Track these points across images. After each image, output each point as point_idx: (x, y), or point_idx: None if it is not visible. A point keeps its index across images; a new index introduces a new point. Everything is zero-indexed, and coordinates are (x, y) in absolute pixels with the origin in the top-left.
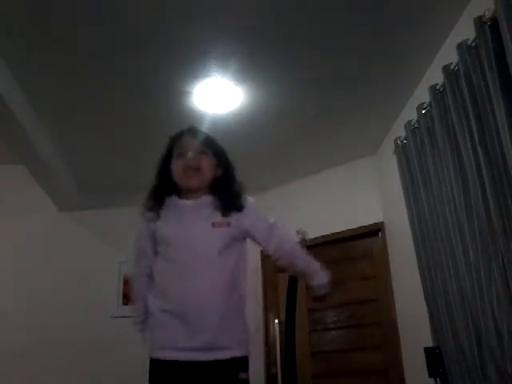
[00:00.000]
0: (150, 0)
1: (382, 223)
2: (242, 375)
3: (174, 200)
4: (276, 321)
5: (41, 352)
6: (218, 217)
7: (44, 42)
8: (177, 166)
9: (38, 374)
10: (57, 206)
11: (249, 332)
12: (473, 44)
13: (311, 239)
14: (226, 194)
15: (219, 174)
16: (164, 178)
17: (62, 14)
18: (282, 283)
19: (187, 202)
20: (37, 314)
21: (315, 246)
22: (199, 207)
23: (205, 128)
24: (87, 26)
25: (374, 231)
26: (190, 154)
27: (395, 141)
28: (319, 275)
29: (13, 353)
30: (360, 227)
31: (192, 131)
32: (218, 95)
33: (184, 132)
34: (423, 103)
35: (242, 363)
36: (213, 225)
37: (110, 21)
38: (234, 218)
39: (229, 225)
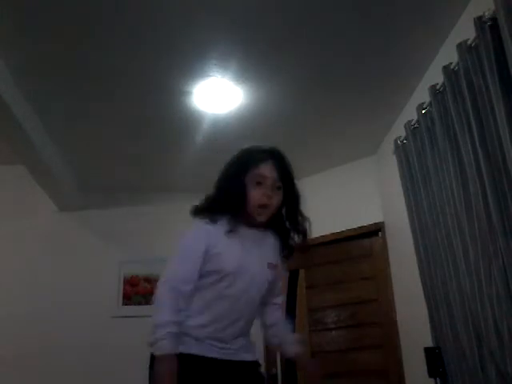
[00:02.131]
0: (150, 0)
1: (382, 223)
2: None
3: (236, 224)
4: None
5: (41, 352)
6: (273, 257)
7: (44, 42)
8: (253, 197)
9: (38, 374)
10: (57, 206)
11: None
12: (473, 44)
13: (311, 239)
14: (290, 237)
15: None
16: (235, 195)
17: (61, 14)
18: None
19: (253, 234)
20: (37, 313)
21: (315, 246)
22: (261, 241)
23: (205, 128)
24: (87, 27)
25: (374, 231)
26: (269, 192)
27: (395, 141)
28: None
29: (13, 353)
30: (360, 227)
31: (276, 159)
32: (218, 95)
33: (268, 156)
34: (423, 103)
35: None
36: (268, 265)
37: (110, 21)
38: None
39: (276, 267)
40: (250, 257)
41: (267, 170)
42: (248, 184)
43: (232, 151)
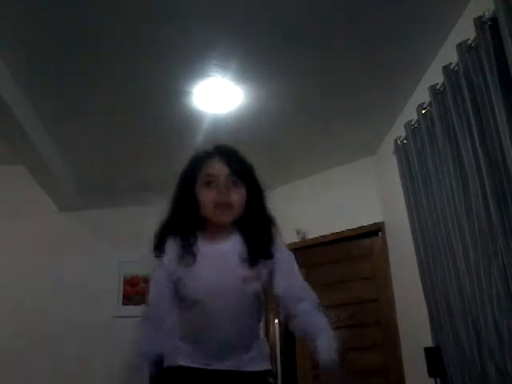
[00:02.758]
0: (151, 1)
1: (382, 223)
2: None
3: (198, 242)
4: (276, 321)
5: (41, 352)
6: (246, 267)
7: (44, 42)
8: (205, 199)
9: (39, 373)
10: (57, 206)
11: None
12: (473, 44)
13: (311, 239)
14: (256, 236)
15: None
16: (185, 209)
17: (61, 14)
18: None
19: (216, 249)
20: (37, 314)
21: (315, 246)
22: (231, 253)
23: (205, 128)
24: (87, 27)
25: (374, 231)
26: (223, 189)
27: (395, 141)
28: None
29: (13, 353)
30: (360, 227)
31: (223, 154)
32: (218, 95)
33: (213, 154)
34: (423, 103)
35: None
36: (243, 281)
37: (110, 21)
38: (261, 266)
39: (256, 278)
40: (216, 278)
41: (215, 168)
42: (198, 191)
43: None
